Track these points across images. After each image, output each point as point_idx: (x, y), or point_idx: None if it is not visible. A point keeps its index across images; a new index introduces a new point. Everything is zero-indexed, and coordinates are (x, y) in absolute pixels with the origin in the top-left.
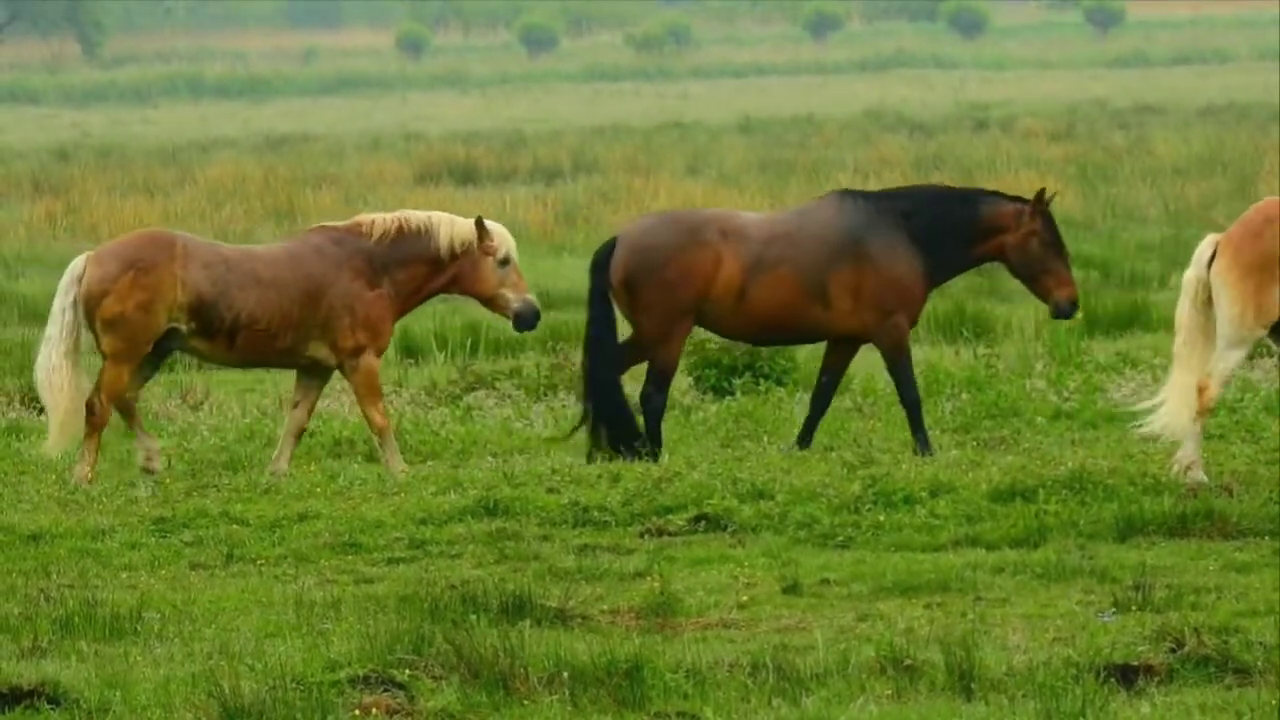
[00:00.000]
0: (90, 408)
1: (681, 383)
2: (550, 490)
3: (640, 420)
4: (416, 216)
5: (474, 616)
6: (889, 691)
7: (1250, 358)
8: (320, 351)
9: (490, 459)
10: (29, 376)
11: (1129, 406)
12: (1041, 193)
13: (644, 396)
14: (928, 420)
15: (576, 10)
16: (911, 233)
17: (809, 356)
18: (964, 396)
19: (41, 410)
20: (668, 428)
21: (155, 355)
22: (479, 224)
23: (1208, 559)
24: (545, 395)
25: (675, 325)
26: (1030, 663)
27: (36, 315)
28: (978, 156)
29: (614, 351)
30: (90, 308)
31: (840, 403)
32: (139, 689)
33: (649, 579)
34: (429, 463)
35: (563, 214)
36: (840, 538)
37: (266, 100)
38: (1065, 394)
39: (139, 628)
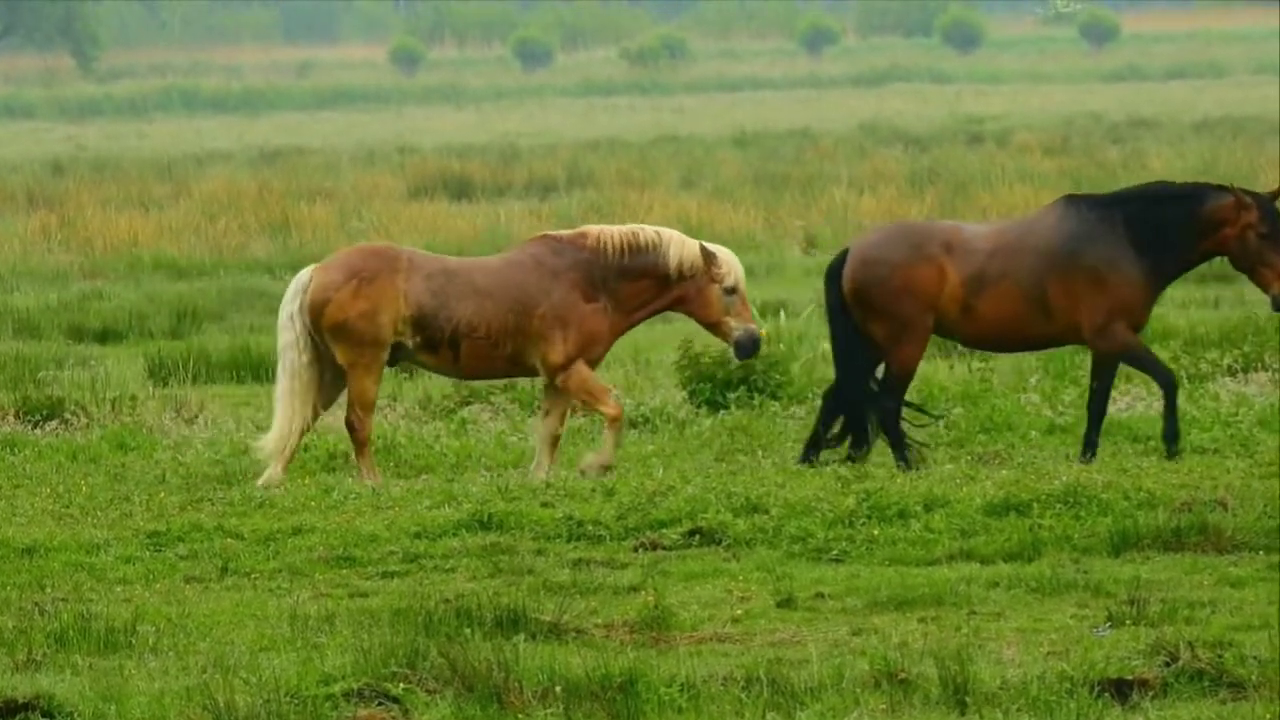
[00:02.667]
0: (349, 425)
1: (675, 396)
2: (544, 504)
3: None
4: (646, 232)
5: (468, 630)
6: (883, 705)
7: (1245, 370)
8: (537, 361)
9: (485, 473)
10: (24, 390)
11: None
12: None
13: (876, 399)
14: (921, 435)
15: (571, 24)
16: (1134, 237)
17: (801, 370)
18: (958, 411)
19: (36, 424)
20: (661, 441)
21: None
22: (702, 249)
23: (1202, 573)
24: (540, 409)
25: (909, 332)
26: (1024, 677)
27: (31, 328)
28: (973, 170)
29: (860, 359)
30: (314, 316)
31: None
32: (134, 702)
33: (643, 593)
34: (423, 477)
35: (557, 228)
36: (834, 552)
37: (261, 114)
38: (1060, 408)
39: (133, 641)
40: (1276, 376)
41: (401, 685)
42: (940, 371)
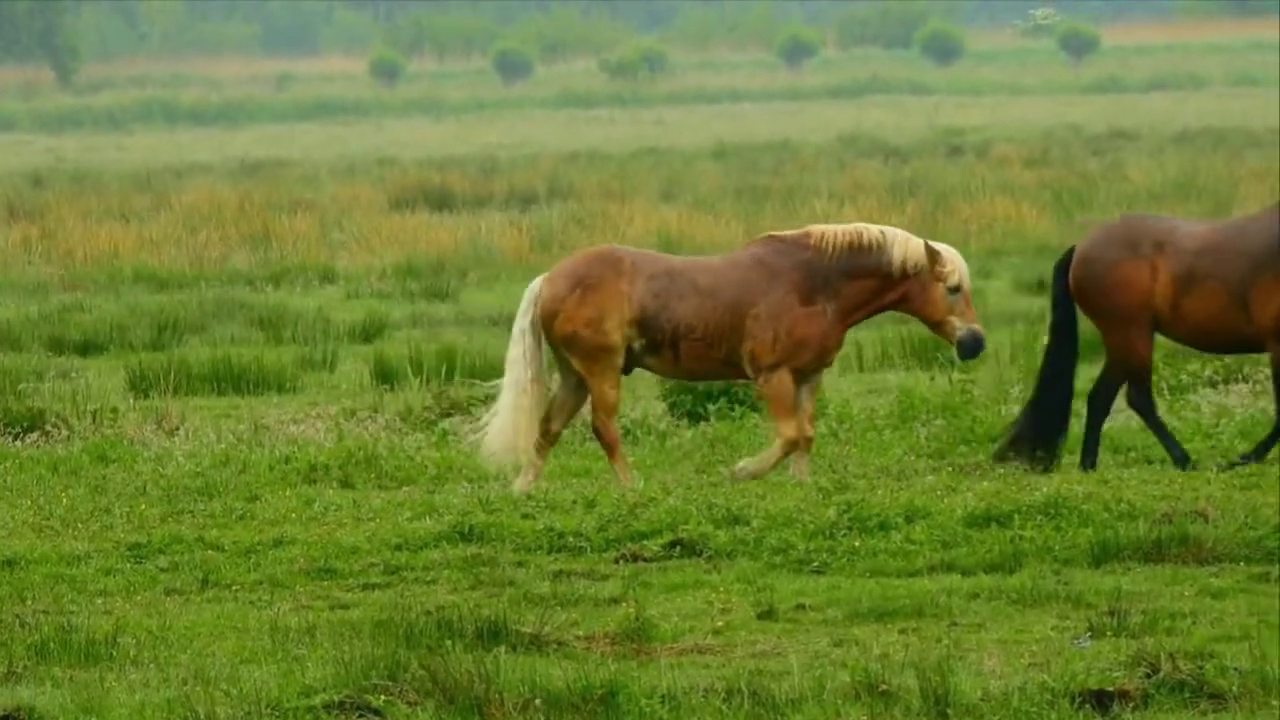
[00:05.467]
0: (595, 430)
1: (656, 408)
2: (525, 516)
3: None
4: (870, 231)
5: (449, 642)
6: (864, 717)
7: (1225, 382)
8: (745, 361)
9: (465, 485)
10: (5, 402)
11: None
12: None
13: (1129, 401)
14: (902, 445)
15: (551, 36)
16: None
17: None
18: (939, 422)
19: (17, 436)
20: (643, 453)
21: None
22: (927, 248)
23: (1183, 584)
24: None
25: (1130, 329)
26: (1005, 688)
27: (11, 340)
28: (952, 182)
29: (1067, 357)
30: (545, 328)
31: (816, 428)
32: (114, 714)
33: (624, 604)
34: (404, 488)
35: (537, 240)
36: (815, 563)
37: (241, 126)
38: None
39: (114, 653)
40: (1257, 388)
41: (383, 697)
42: (921, 383)
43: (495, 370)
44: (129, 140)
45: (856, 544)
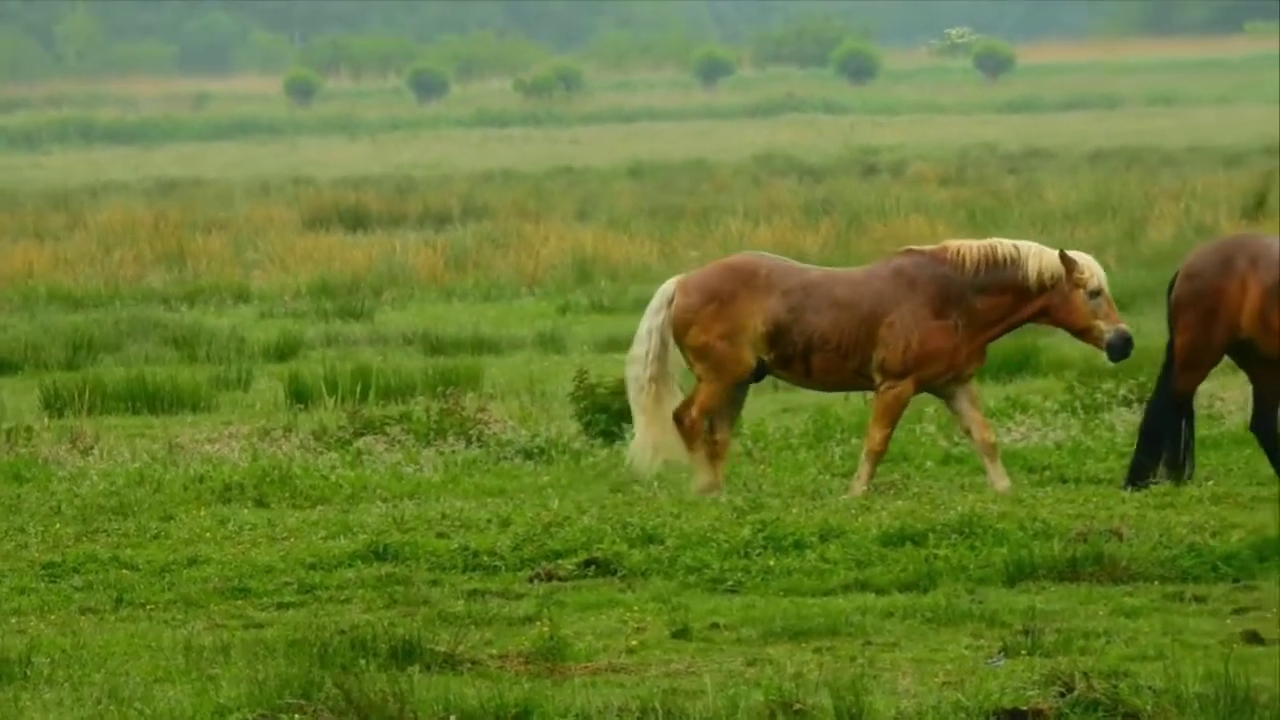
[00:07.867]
0: (679, 418)
1: (571, 427)
2: (440, 535)
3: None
4: (1004, 246)
5: (363, 661)
6: None
7: (1140, 401)
8: (875, 368)
9: (380, 504)
10: None
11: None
12: None
13: (1149, 413)
14: (817, 464)
15: (467, 55)
16: None
17: None
18: (854, 441)
19: None
20: (557, 471)
21: (739, 391)
22: (1063, 257)
23: (1097, 603)
24: (435, 440)
25: (1204, 355)
26: (920, 707)
27: None
28: (868, 201)
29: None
30: (677, 335)
31: (731, 446)
32: None
33: (538, 623)
34: (319, 508)
35: (452, 259)
36: (730, 582)
37: (157, 145)
38: (955, 439)
39: (28, 672)
40: None
41: (296, 716)
42: (836, 402)
43: (409, 390)
44: (45, 159)
45: (771, 563)
